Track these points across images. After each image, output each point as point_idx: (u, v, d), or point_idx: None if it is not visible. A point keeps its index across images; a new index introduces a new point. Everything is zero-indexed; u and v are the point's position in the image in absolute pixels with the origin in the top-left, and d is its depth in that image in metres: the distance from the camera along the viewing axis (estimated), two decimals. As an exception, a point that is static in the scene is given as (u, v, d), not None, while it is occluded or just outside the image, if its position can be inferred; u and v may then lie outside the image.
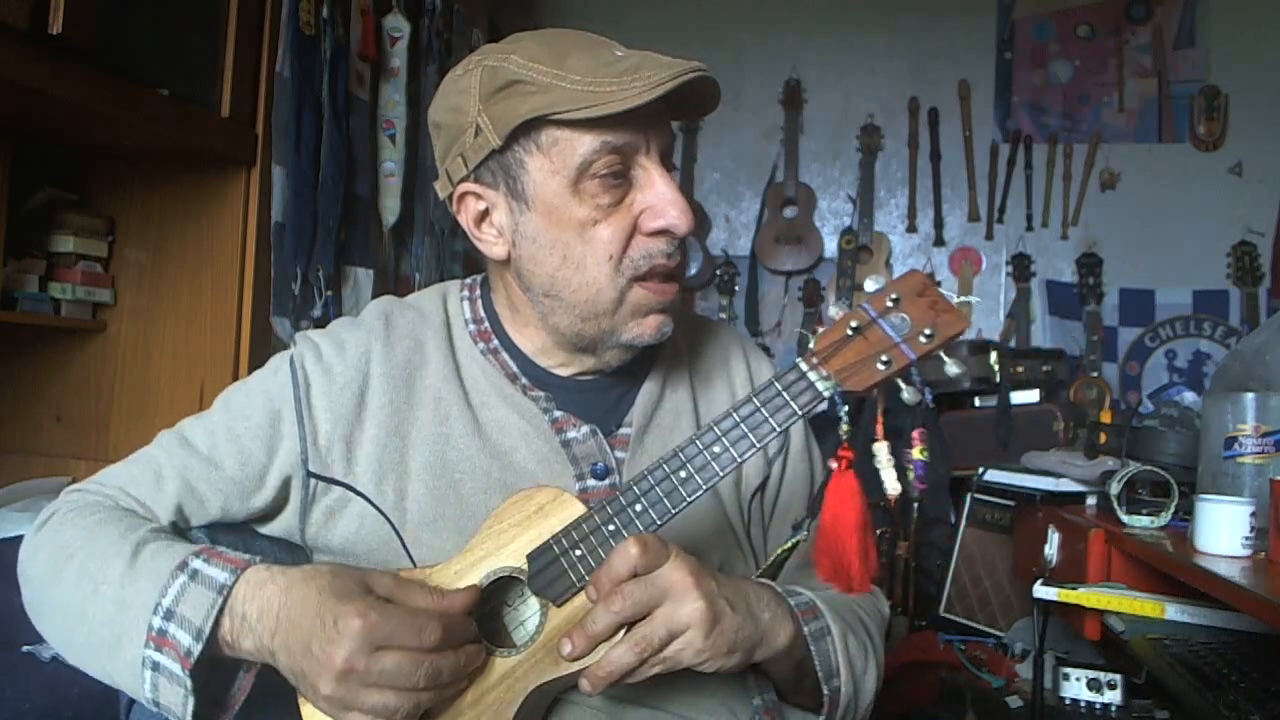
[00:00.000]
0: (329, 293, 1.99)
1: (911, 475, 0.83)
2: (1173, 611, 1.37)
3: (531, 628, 0.83)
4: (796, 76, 3.26)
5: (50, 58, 1.37)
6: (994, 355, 2.54)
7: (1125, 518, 1.57)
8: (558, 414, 0.95)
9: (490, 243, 0.93)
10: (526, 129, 0.86)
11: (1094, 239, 3.06)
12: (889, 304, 0.79)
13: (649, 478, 0.80)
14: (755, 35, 3.30)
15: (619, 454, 0.95)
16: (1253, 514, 1.27)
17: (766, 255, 3.23)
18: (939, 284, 0.79)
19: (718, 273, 3.24)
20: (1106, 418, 1.99)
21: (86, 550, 0.82)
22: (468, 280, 1.03)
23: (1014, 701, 1.84)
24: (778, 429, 0.79)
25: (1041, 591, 1.49)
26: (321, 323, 2.00)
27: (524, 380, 0.96)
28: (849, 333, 0.79)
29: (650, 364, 1.00)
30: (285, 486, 0.92)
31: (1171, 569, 1.31)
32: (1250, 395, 1.41)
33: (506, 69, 0.85)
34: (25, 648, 1.45)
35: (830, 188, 3.27)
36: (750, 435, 0.79)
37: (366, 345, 0.93)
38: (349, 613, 0.72)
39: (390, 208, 2.26)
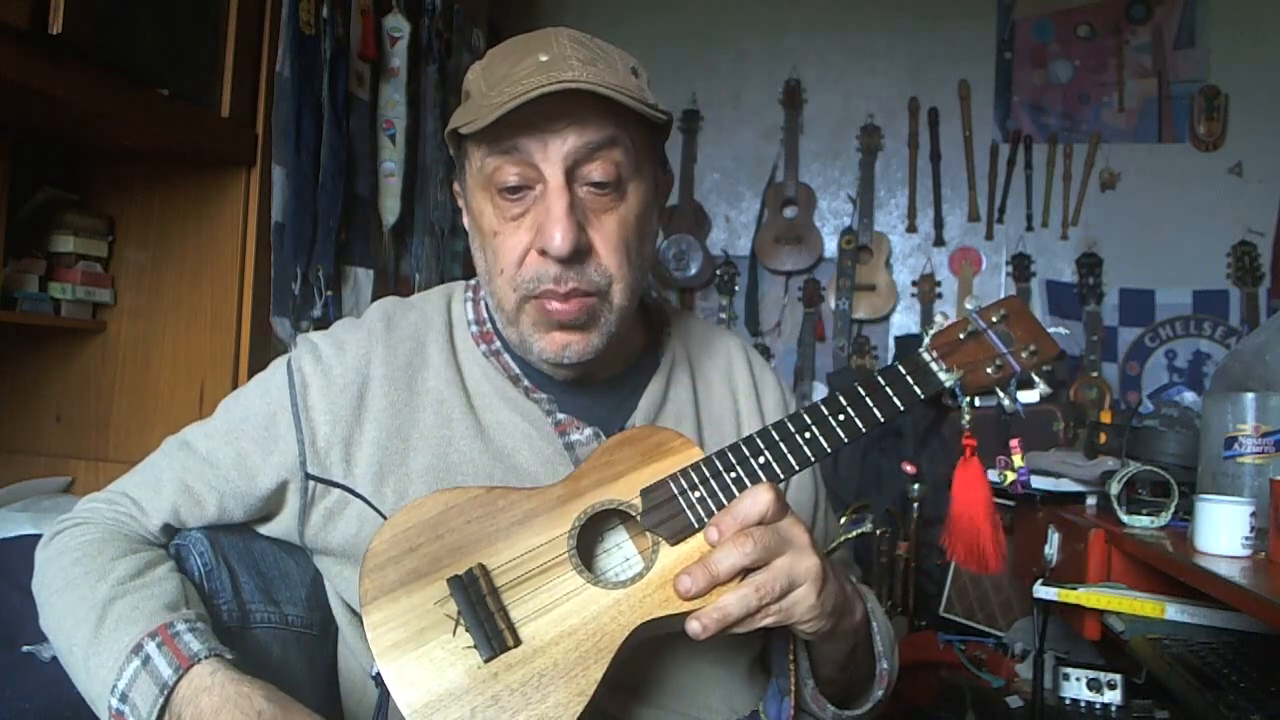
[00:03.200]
0: (329, 293, 1.99)
1: (1013, 478, 0.92)
2: (1173, 611, 1.37)
3: (628, 564, 0.83)
4: (796, 76, 3.26)
5: (50, 58, 1.37)
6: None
7: (1125, 518, 1.57)
8: (560, 416, 0.94)
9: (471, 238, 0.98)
10: (458, 140, 0.90)
11: (1094, 239, 3.06)
12: (995, 319, 0.87)
13: (773, 432, 0.83)
14: (755, 35, 3.30)
15: None
16: (1253, 514, 1.27)
17: (766, 255, 3.23)
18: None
19: (718, 273, 3.24)
20: (1106, 418, 1.99)
21: (62, 602, 0.86)
22: (473, 281, 1.03)
23: (1014, 701, 1.84)
24: (901, 408, 0.84)
25: (1041, 591, 1.49)
26: (322, 323, 2.00)
27: (526, 382, 0.96)
28: (962, 336, 0.86)
29: (653, 368, 1.01)
30: (283, 488, 0.92)
31: (1171, 569, 1.31)
32: (1250, 395, 1.41)
33: (468, 78, 0.91)
34: (25, 648, 1.45)
35: (830, 188, 3.27)
36: (876, 410, 0.84)
37: (367, 346, 0.93)
38: None
39: (390, 208, 2.26)
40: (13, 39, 1.30)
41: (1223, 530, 1.27)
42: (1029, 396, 0.86)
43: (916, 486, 2.28)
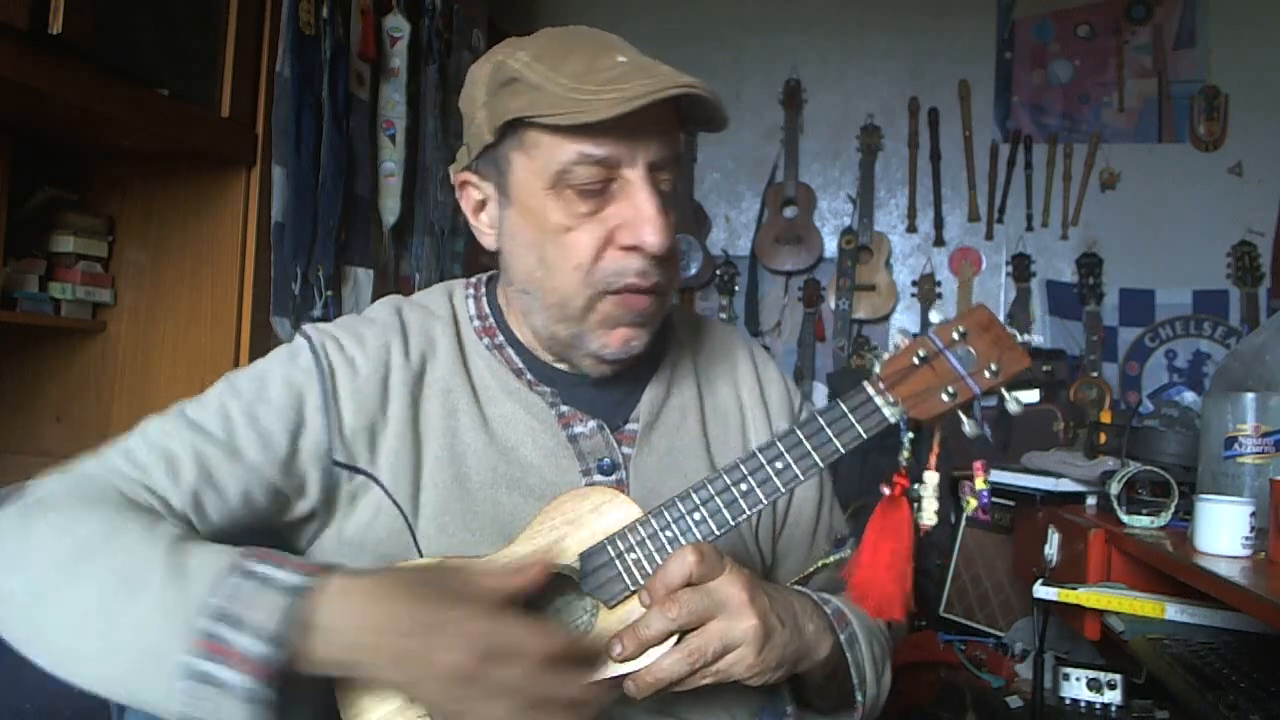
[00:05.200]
0: (329, 293, 2.00)
1: (975, 504, 0.87)
2: (1173, 611, 1.37)
3: (579, 627, 0.83)
4: (796, 76, 3.26)
5: (50, 58, 1.37)
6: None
7: (1125, 518, 1.57)
8: (564, 409, 0.94)
9: (484, 233, 0.95)
10: (514, 127, 0.86)
11: (1094, 239, 3.06)
12: (955, 336, 0.81)
13: (709, 487, 0.81)
14: (755, 35, 3.30)
15: (625, 450, 0.95)
16: (1253, 514, 1.27)
17: (766, 255, 3.23)
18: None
19: (718, 273, 3.24)
20: (1106, 418, 1.99)
21: (109, 547, 0.73)
22: (473, 279, 1.03)
23: (1014, 701, 1.83)
24: (842, 450, 0.80)
25: (1041, 591, 1.49)
26: (322, 323, 2.00)
27: (529, 375, 0.96)
28: (915, 361, 0.80)
29: (656, 362, 1.01)
30: (307, 474, 0.88)
31: (1171, 569, 1.31)
32: (1250, 395, 1.41)
33: (511, 65, 0.86)
34: (25, 648, 1.45)
35: (830, 188, 3.26)
36: (814, 454, 0.80)
37: (385, 339, 0.93)
38: (459, 616, 0.69)
39: (390, 208, 2.26)
40: (13, 39, 1.30)
41: (1223, 530, 1.27)
42: (1028, 397, 0.84)
43: (916, 485, 2.27)
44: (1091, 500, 1.82)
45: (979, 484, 0.86)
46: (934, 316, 0.83)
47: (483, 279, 1.03)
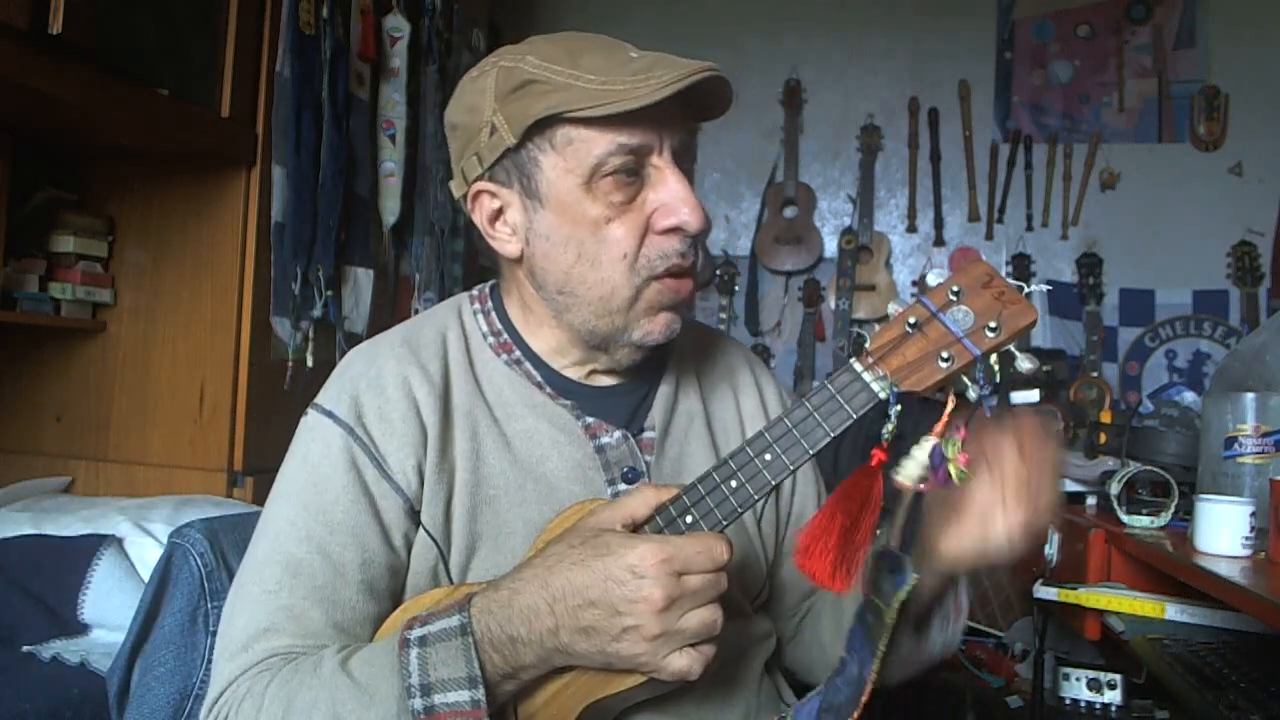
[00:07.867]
0: (329, 293, 1.99)
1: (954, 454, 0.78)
2: (1173, 611, 1.38)
3: None
4: (796, 76, 3.26)
5: (50, 58, 1.38)
6: (994, 355, 2.54)
7: (1125, 518, 1.57)
8: (589, 420, 0.94)
9: (504, 241, 0.92)
10: (541, 128, 0.86)
11: (1094, 239, 3.06)
12: (950, 297, 0.76)
13: (700, 487, 0.79)
14: (755, 35, 3.30)
15: (646, 458, 0.95)
16: (1253, 514, 1.27)
17: (766, 255, 3.23)
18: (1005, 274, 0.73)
19: (718, 273, 3.24)
20: (1106, 418, 1.99)
21: (298, 713, 0.76)
22: (474, 292, 1.01)
23: (1014, 701, 1.84)
24: (831, 433, 0.77)
25: (1041, 591, 1.49)
26: (321, 323, 2.00)
27: (549, 389, 0.95)
28: (907, 330, 0.75)
29: (661, 368, 1.00)
30: (407, 533, 0.88)
31: (1171, 569, 1.31)
32: (1250, 395, 1.41)
33: (522, 69, 0.86)
34: (25, 648, 1.45)
35: (830, 188, 3.27)
36: (803, 442, 0.76)
37: (402, 373, 0.90)
38: (640, 555, 0.72)
39: (390, 208, 2.26)
40: (13, 39, 1.30)
41: (1223, 530, 1.27)
42: (1027, 397, 0.81)
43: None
44: (1091, 500, 1.82)
45: (959, 445, 0.78)
46: (931, 281, 0.77)
47: (486, 291, 1.01)
